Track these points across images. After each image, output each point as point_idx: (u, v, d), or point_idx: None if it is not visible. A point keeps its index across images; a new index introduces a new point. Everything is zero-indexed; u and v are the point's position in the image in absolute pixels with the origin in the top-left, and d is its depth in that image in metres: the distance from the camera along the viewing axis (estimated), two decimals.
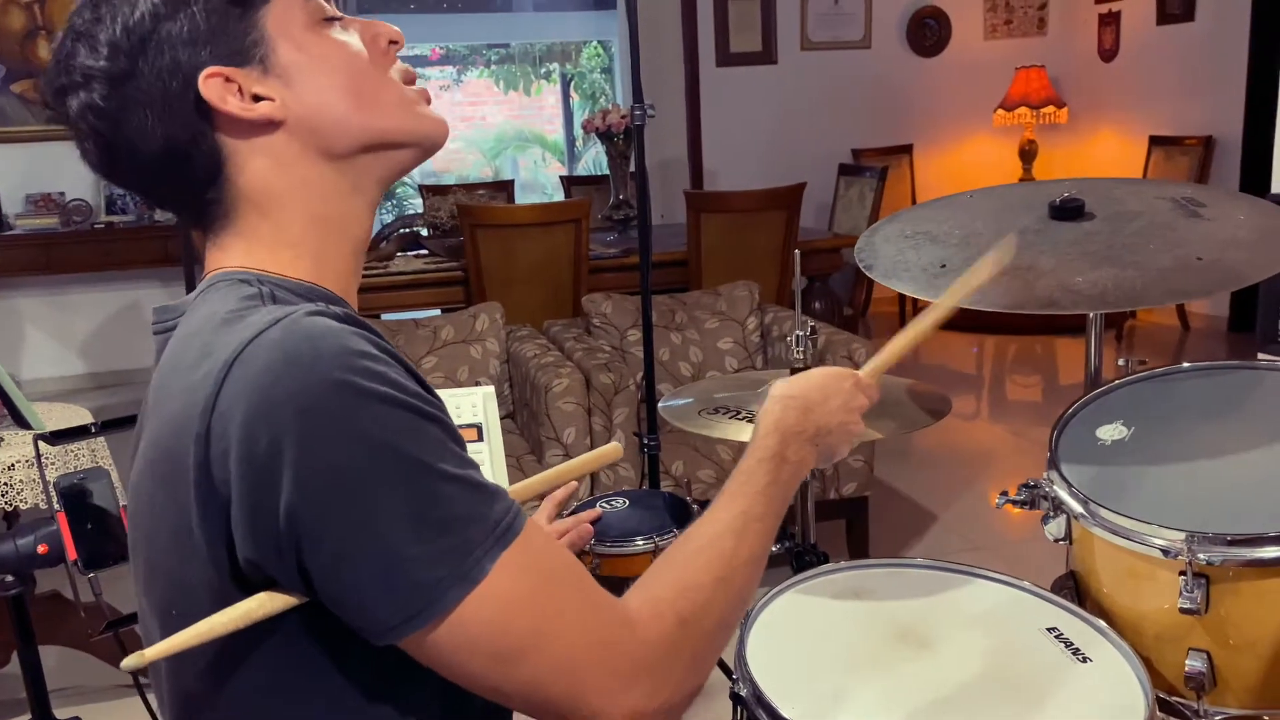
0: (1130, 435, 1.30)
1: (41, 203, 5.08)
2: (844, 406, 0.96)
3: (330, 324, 0.70)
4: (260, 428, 0.65)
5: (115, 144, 0.78)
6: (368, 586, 0.66)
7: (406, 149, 0.83)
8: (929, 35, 6.39)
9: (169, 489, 0.71)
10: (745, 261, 3.75)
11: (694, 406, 1.58)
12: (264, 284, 0.77)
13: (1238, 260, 1.30)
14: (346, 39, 0.81)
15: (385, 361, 0.69)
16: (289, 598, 0.69)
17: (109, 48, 0.75)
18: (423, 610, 0.66)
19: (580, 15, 6.53)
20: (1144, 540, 1.14)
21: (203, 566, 0.70)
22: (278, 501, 0.65)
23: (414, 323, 3.06)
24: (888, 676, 1.11)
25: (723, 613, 0.78)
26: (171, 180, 0.79)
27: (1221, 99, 5.37)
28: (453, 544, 0.67)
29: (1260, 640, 1.13)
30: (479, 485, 0.70)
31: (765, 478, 0.86)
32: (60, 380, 5.43)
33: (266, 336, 0.68)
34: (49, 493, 1.39)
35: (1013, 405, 4.81)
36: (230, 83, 0.76)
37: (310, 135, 0.79)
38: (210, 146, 0.78)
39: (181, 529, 0.70)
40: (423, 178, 8.30)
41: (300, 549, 0.66)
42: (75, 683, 2.46)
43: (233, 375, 0.68)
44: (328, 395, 0.66)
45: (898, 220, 1.61)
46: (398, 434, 0.67)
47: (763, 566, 0.84)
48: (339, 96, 0.79)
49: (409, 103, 0.83)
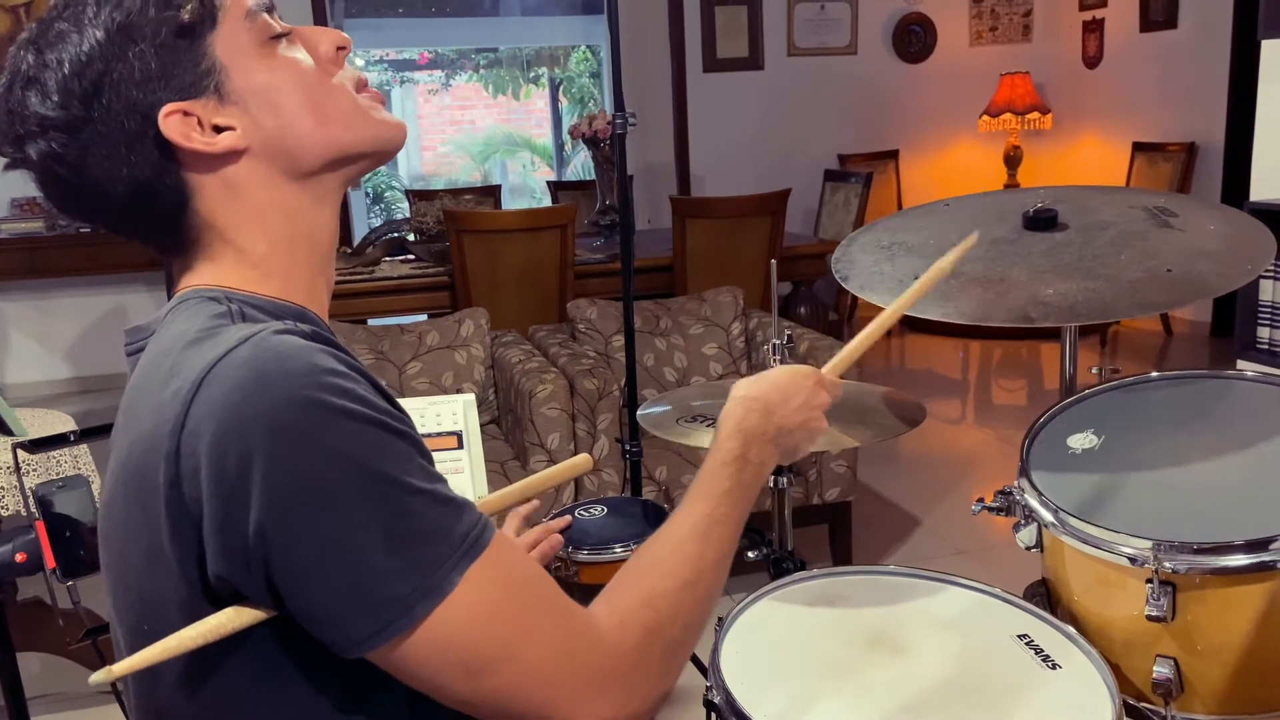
0: (1101, 444, 1.31)
1: (26, 207, 5.06)
2: (805, 405, 0.97)
3: (298, 341, 0.70)
4: (230, 445, 0.66)
5: (79, 188, 0.77)
6: (336, 600, 0.67)
7: (368, 158, 0.84)
8: (915, 42, 6.42)
9: (140, 506, 0.72)
10: (731, 267, 3.77)
11: (672, 414, 1.59)
12: (233, 301, 0.78)
13: (1206, 272, 1.31)
14: (297, 55, 0.81)
15: (352, 378, 0.70)
16: (258, 612, 0.70)
17: (61, 94, 0.74)
18: (391, 623, 0.67)
19: (568, 20, 6.54)
20: (1112, 549, 1.16)
21: (174, 582, 0.71)
22: (247, 517, 0.66)
23: (399, 328, 3.06)
24: (860, 682, 1.12)
25: (689, 618, 0.79)
26: (137, 216, 0.79)
27: (1204, 106, 5.41)
28: (421, 557, 0.68)
29: (1226, 647, 1.14)
30: (447, 499, 0.71)
31: (728, 481, 0.88)
32: (45, 385, 5.41)
33: (235, 355, 0.69)
34: (27, 500, 1.39)
35: (997, 409, 4.83)
36: (189, 116, 0.76)
37: (274, 158, 0.79)
38: (175, 181, 0.78)
39: (153, 546, 0.71)
40: (411, 182, 8.30)
41: (269, 563, 0.67)
42: (57, 690, 2.45)
43: (202, 394, 0.68)
44: (296, 412, 0.66)
45: (875, 230, 1.62)
46: (365, 449, 0.68)
47: (728, 568, 0.85)
48: (298, 116, 0.79)
49: (365, 111, 0.83)
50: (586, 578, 1.47)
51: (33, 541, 1.40)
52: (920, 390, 4.79)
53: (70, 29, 0.75)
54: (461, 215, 3.61)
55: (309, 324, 0.77)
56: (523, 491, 1.13)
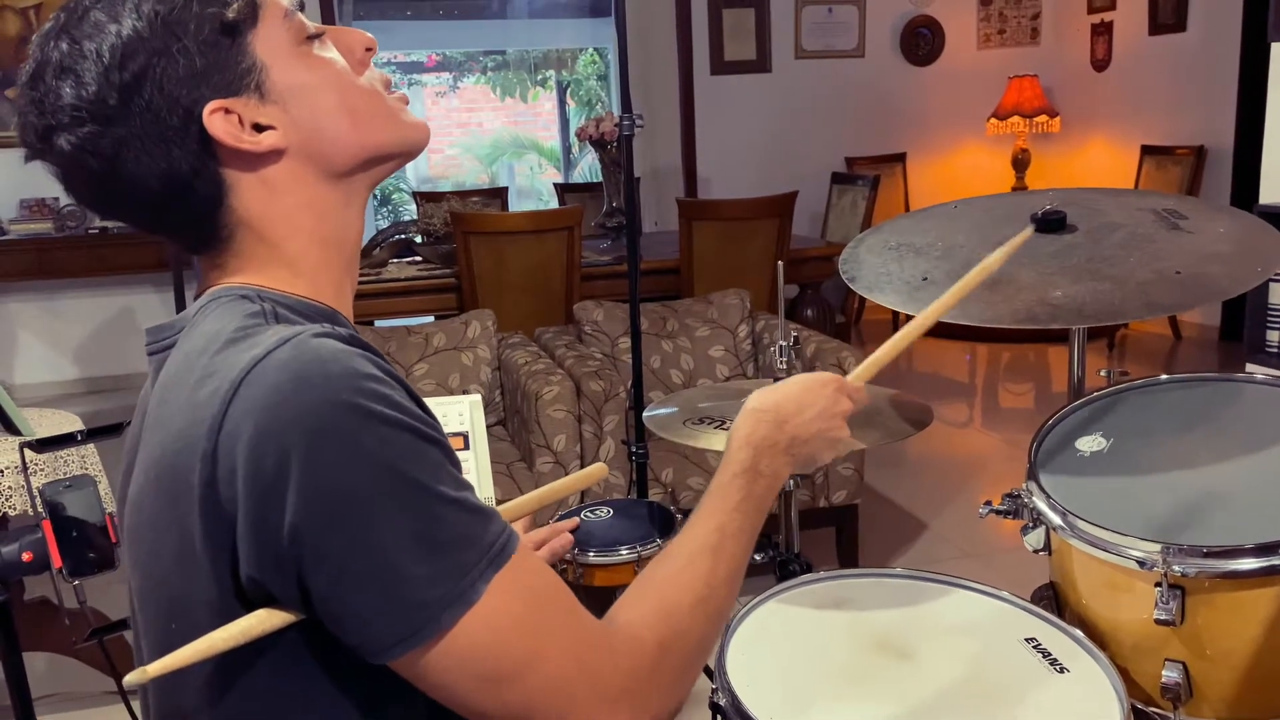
0: (1109, 447, 1.31)
1: (35, 208, 5.08)
2: (823, 414, 0.95)
3: (337, 346, 0.70)
4: (268, 447, 0.66)
5: (111, 182, 0.76)
6: (367, 605, 0.67)
7: (397, 159, 0.85)
8: (922, 44, 6.41)
9: (173, 505, 0.71)
10: (737, 269, 3.77)
11: (678, 416, 1.59)
12: (265, 300, 0.78)
13: (1215, 274, 1.31)
14: (331, 56, 0.81)
15: (389, 384, 0.70)
16: (287, 615, 0.70)
17: (99, 84, 0.73)
18: (419, 630, 0.67)
19: (576, 23, 6.54)
20: (1120, 552, 1.15)
21: (205, 582, 0.70)
22: (282, 520, 0.66)
23: (406, 330, 3.06)
24: (866, 686, 1.11)
25: (702, 633, 0.80)
26: (170, 210, 0.78)
27: (1213, 109, 5.40)
28: (450, 565, 0.68)
29: (1236, 652, 1.13)
30: (476, 507, 0.71)
31: (739, 493, 0.87)
32: (53, 385, 5.42)
33: (275, 357, 0.69)
34: (34, 500, 1.39)
35: (1005, 412, 4.82)
36: (230, 114, 0.75)
37: (310, 158, 0.80)
38: (212, 177, 0.77)
39: (184, 545, 0.71)
40: (418, 184, 8.31)
41: (301, 566, 0.67)
42: (64, 689, 2.46)
43: (241, 394, 0.68)
44: (335, 416, 0.66)
45: (882, 232, 1.62)
46: (401, 456, 0.68)
47: (740, 580, 0.85)
48: (335, 117, 0.80)
49: (395, 113, 0.84)
50: (590, 580, 1.47)
51: (39, 541, 1.40)
52: (928, 393, 4.78)
53: (107, 20, 0.74)
54: (468, 217, 3.61)
55: (341, 326, 0.77)
56: (540, 500, 1.13)
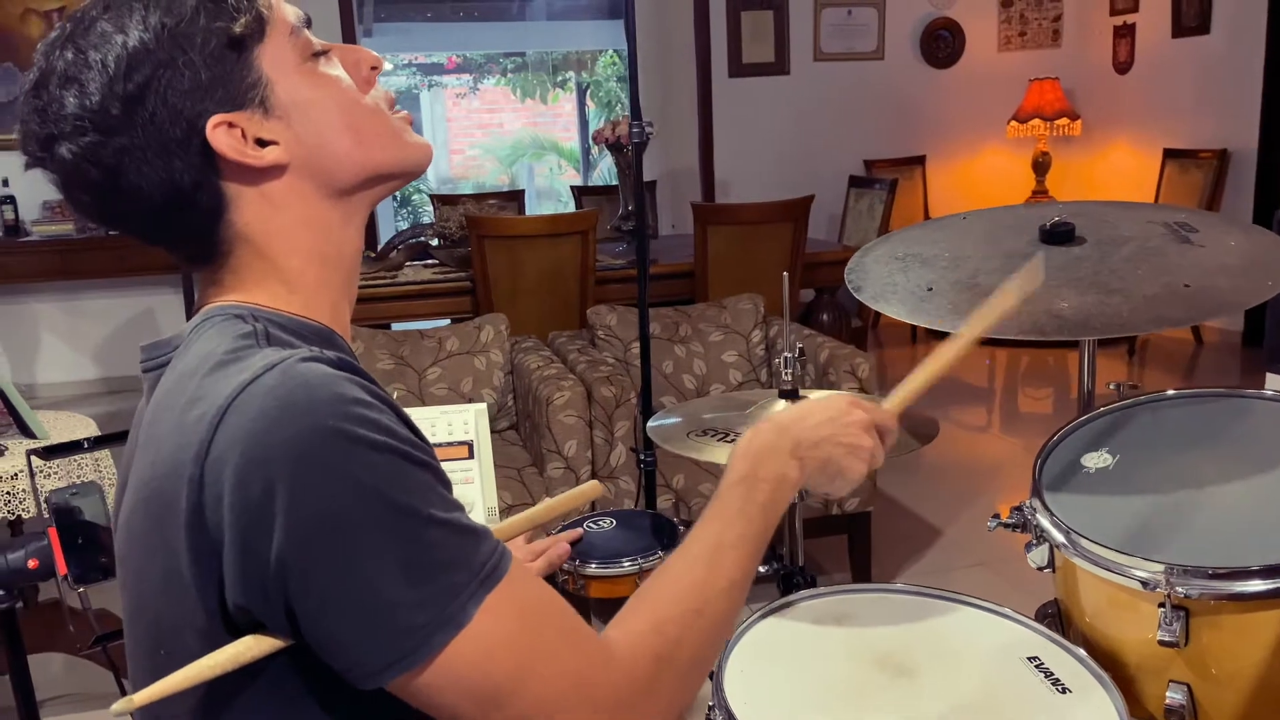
0: (1115, 463, 1.29)
1: (58, 209, 5.12)
2: (831, 420, 0.93)
3: (325, 370, 0.70)
4: (254, 473, 0.66)
5: (111, 191, 0.76)
6: (355, 630, 0.67)
7: (398, 179, 0.85)
8: (942, 47, 6.37)
9: (160, 529, 0.71)
10: (752, 274, 3.75)
11: (682, 427, 1.58)
12: (259, 320, 0.77)
13: (1225, 288, 1.29)
14: (336, 74, 0.81)
15: (377, 408, 0.70)
16: (276, 640, 0.70)
17: (102, 94, 0.73)
18: (409, 654, 0.67)
19: (595, 24, 6.54)
20: (1124, 572, 1.13)
21: (192, 608, 0.70)
22: (269, 546, 0.66)
23: (419, 333, 3.07)
24: (865, 704, 1.10)
25: (698, 645, 0.79)
26: (170, 222, 0.78)
27: (1236, 112, 5.34)
28: (439, 588, 0.67)
29: (1241, 674, 1.12)
30: (466, 528, 0.70)
31: (737, 502, 0.86)
32: (73, 385, 5.48)
33: (262, 382, 0.69)
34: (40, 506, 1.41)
35: (1022, 418, 4.78)
36: (234, 128, 0.75)
37: (312, 175, 0.80)
38: (213, 190, 0.77)
39: (172, 570, 0.71)
40: (439, 185, 8.35)
41: (289, 592, 0.67)
42: (73, 690, 2.47)
43: (227, 420, 0.68)
44: (321, 442, 0.66)
45: (890, 241, 1.61)
46: (387, 480, 0.67)
47: (743, 592, 0.83)
48: (339, 135, 0.80)
49: (399, 133, 0.84)
50: (594, 592, 1.46)
51: (45, 548, 1.41)
52: (945, 397, 4.75)
53: (114, 31, 0.74)
54: (483, 220, 3.62)
55: (334, 348, 0.77)
56: (531, 520, 1.12)
